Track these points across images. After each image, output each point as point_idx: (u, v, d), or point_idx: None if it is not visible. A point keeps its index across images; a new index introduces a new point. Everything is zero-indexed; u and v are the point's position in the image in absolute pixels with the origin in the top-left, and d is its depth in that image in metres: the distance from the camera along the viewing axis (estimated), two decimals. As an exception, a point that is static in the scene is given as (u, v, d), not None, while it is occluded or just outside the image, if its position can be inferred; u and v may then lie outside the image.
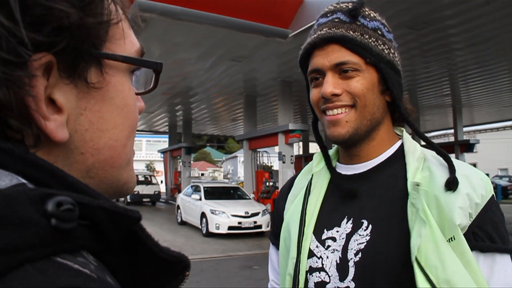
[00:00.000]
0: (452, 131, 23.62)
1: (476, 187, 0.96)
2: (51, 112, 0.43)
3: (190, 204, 15.08)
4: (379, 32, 1.06)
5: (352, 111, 1.03)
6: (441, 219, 0.93)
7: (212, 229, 12.96)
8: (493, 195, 0.99)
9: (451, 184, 0.95)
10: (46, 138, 0.43)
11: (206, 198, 14.49)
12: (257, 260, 9.74)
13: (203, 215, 13.68)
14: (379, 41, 1.04)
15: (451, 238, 0.92)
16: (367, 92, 1.02)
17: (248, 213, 13.18)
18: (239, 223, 12.95)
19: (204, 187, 15.28)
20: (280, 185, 15.54)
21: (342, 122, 1.03)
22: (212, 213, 13.19)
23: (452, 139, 24.90)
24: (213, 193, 15.14)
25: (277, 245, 1.26)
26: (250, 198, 15.55)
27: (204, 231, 13.46)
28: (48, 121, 0.42)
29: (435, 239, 0.91)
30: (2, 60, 0.38)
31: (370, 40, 1.03)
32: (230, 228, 12.88)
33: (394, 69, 1.06)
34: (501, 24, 10.39)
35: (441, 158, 1.04)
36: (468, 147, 20.54)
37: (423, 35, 10.92)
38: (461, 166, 1.01)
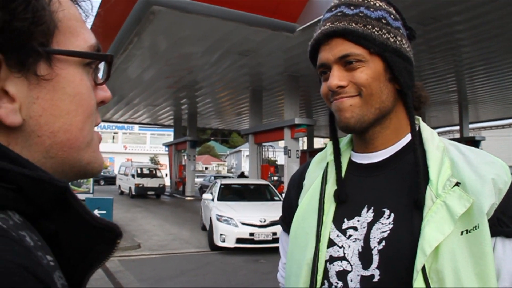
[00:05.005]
0: (457, 127, 23.50)
1: (500, 173, 0.98)
2: (5, 102, 0.50)
3: (205, 206, 12.12)
4: (384, 21, 1.06)
5: (357, 98, 1.04)
6: (467, 209, 0.94)
7: (217, 241, 9.99)
8: None
9: (417, 204, 0.99)
10: (2, 124, 0.50)
11: (219, 198, 11.41)
12: (263, 253, 9.78)
13: (211, 221, 10.60)
14: (383, 30, 1.05)
15: (476, 226, 0.93)
16: (372, 81, 1.03)
17: (264, 221, 9.88)
18: (251, 234, 9.81)
19: (221, 184, 12.25)
20: (285, 179, 15.53)
21: (346, 105, 1.04)
22: (218, 219, 10.11)
23: (457, 135, 24.81)
24: (231, 192, 12.23)
25: (288, 232, 1.27)
26: (280, 199, 11.71)
27: (208, 243, 10.59)
28: None
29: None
30: None
31: (374, 30, 1.04)
32: (238, 241, 9.83)
33: (402, 56, 1.07)
34: (508, 20, 10.35)
35: (460, 147, 1.07)
36: (473, 144, 20.43)
37: (429, 31, 10.89)
38: (483, 155, 1.04)
